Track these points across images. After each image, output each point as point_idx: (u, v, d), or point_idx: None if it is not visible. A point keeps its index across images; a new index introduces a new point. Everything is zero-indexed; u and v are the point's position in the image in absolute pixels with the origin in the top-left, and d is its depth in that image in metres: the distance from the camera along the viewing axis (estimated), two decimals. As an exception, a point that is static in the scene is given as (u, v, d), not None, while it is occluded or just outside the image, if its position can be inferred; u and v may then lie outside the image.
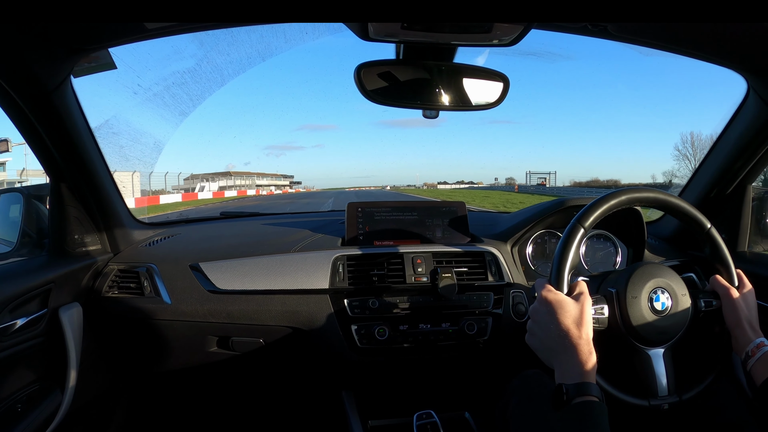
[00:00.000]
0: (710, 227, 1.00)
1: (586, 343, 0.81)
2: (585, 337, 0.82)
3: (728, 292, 0.96)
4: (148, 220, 1.80)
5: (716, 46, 1.08)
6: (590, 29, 1.06)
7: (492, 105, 1.21)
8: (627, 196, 0.98)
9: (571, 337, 0.82)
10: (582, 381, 0.77)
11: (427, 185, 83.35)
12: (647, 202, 1.01)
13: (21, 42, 0.97)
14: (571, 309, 0.85)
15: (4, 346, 1.14)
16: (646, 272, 0.97)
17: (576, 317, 0.84)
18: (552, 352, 0.85)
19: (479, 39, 1.02)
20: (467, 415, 1.52)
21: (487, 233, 1.61)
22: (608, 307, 0.94)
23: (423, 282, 1.41)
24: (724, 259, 1.00)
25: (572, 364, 0.80)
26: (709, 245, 1.01)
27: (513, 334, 1.44)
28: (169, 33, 1.07)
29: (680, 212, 1.01)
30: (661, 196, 1.01)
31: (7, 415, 1.17)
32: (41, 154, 1.29)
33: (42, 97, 1.13)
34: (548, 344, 0.86)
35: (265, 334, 1.46)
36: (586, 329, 0.83)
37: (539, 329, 0.88)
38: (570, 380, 0.78)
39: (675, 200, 1.01)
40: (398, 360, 1.45)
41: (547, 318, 0.86)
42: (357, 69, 1.09)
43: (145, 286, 1.45)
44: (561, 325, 0.83)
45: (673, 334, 0.95)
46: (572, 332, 0.82)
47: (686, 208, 1.00)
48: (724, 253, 1.00)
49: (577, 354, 0.80)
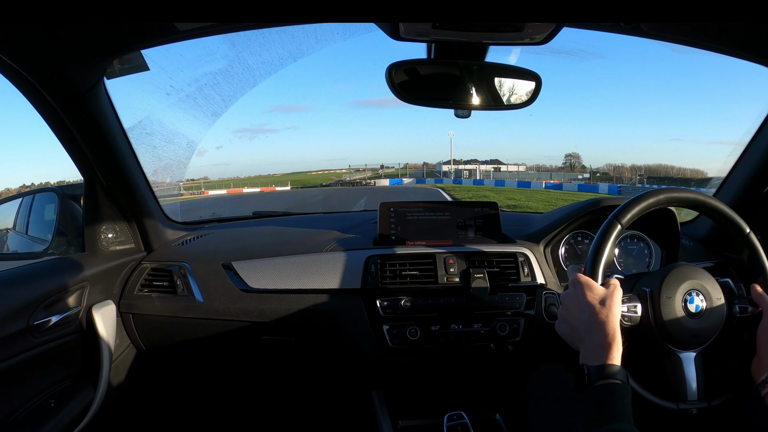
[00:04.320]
0: (749, 231, 0.97)
1: (611, 325, 0.80)
2: (610, 319, 0.81)
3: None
4: (181, 219, 1.82)
5: (752, 42, 1.06)
6: (623, 26, 1.04)
7: (524, 104, 1.20)
8: (665, 195, 0.97)
9: (596, 315, 0.81)
10: (605, 363, 0.77)
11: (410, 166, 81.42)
12: (685, 202, 0.99)
13: (54, 45, 0.98)
14: (599, 290, 0.85)
15: (39, 343, 1.16)
16: (682, 273, 0.95)
17: (602, 297, 0.83)
18: (577, 333, 0.85)
19: (510, 37, 1.00)
20: (498, 417, 1.51)
21: (520, 234, 1.59)
22: (641, 305, 0.93)
23: (455, 282, 1.40)
24: (763, 267, 0.97)
25: (596, 344, 0.80)
26: (747, 250, 0.98)
27: (545, 336, 1.42)
28: (201, 34, 1.07)
29: (718, 214, 0.99)
30: (700, 198, 0.99)
31: (41, 410, 1.20)
32: (75, 155, 1.31)
33: (75, 99, 1.14)
34: (574, 324, 0.86)
35: (297, 333, 1.46)
36: (613, 312, 0.82)
37: (567, 312, 0.88)
38: (593, 362, 0.78)
39: (713, 202, 0.98)
40: (429, 360, 1.44)
41: (575, 299, 0.86)
42: (389, 68, 1.08)
43: (178, 285, 1.47)
44: (586, 304, 0.83)
45: (705, 338, 0.93)
46: (597, 311, 0.82)
47: (725, 210, 0.98)
48: (763, 261, 0.97)
49: (601, 334, 0.80)
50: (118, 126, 1.32)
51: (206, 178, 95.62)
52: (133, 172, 1.41)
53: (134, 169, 1.42)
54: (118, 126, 1.32)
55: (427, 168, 75.13)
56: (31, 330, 1.14)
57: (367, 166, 74.29)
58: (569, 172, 69.45)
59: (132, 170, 1.40)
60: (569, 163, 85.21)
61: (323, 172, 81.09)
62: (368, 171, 73.02)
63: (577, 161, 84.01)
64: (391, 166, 78.79)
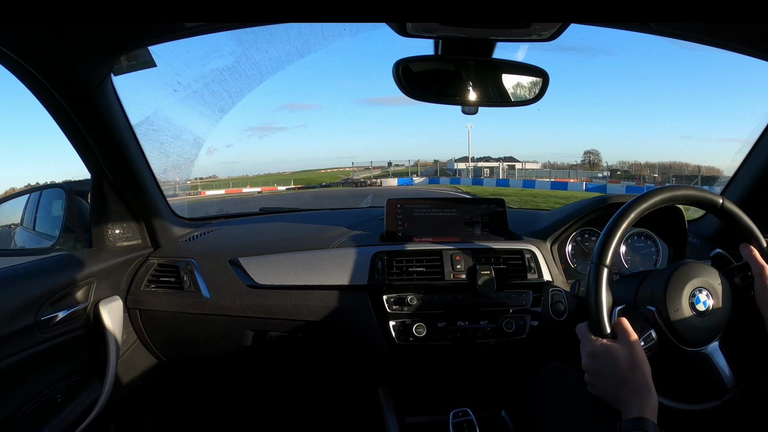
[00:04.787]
0: (722, 201, 0.97)
1: (644, 383, 0.81)
2: (641, 378, 0.81)
3: (762, 270, 0.92)
4: (188, 215, 1.82)
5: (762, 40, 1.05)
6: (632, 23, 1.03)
7: (531, 101, 1.20)
8: (629, 214, 0.95)
9: (628, 383, 0.81)
10: (638, 416, 0.77)
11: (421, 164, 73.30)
12: (652, 206, 0.97)
13: (61, 42, 0.98)
14: (622, 356, 0.84)
15: (46, 338, 1.16)
16: (685, 273, 0.95)
17: (628, 363, 0.83)
18: (613, 398, 0.84)
19: (517, 34, 1.01)
20: (504, 414, 1.51)
21: (527, 231, 1.59)
22: (654, 329, 0.93)
23: (461, 279, 1.40)
24: (748, 228, 0.97)
25: (632, 403, 0.80)
26: (727, 219, 0.99)
27: (552, 333, 1.42)
28: (208, 31, 1.07)
29: (688, 200, 0.99)
30: (665, 194, 0.97)
31: (47, 405, 1.20)
32: (83, 151, 1.32)
33: (83, 96, 1.15)
34: (608, 391, 0.86)
35: (303, 329, 1.46)
36: (641, 370, 0.82)
37: (597, 381, 0.88)
38: (630, 414, 0.79)
39: (679, 192, 0.98)
40: (435, 357, 1.44)
41: (601, 371, 0.86)
42: (396, 65, 1.08)
43: (185, 281, 1.47)
44: (616, 375, 0.83)
45: (722, 327, 0.94)
46: (628, 379, 0.82)
47: (691, 193, 0.98)
48: (746, 222, 0.97)
49: (636, 396, 0.80)
50: (125, 122, 1.32)
51: (215, 176, 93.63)
52: (140, 168, 1.41)
53: (141, 166, 1.42)
54: (125, 122, 1.32)
55: (438, 166, 69.23)
56: (38, 325, 1.14)
57: (373, 163, 68.85)
58: (588, 170, 64.83)
59: (139, 166, 1.40)
60: (588, 160, 79.91)
61: (331, 170, 78.37)
62: (377, 169, 68.11)
63: (596, 158, 78.36)
64: (400, 164, 72.67)
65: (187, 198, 25.52)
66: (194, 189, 60.15)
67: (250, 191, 51.49)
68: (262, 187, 54.21)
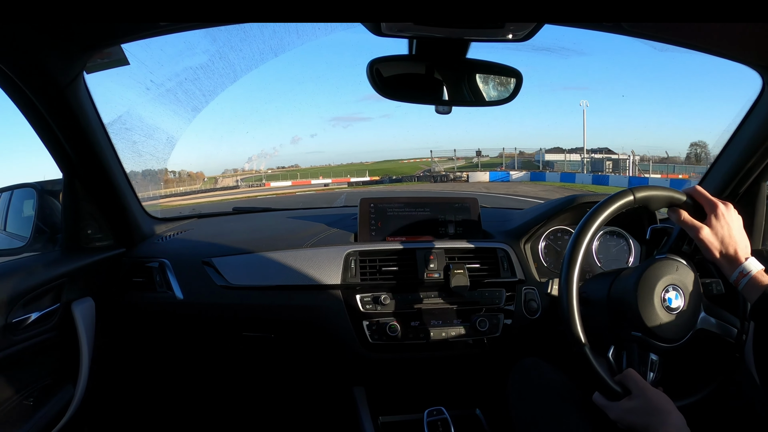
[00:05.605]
0: (633, 195, 1.00)
1: (673, 421, 0.83)
2: (665, 415, 0.84)
3: (697, 233, 0.96)
4: (161, 215, 1.80)
5: (731, 42, 1.08)
6: (604, 24, 1.05)
7: (505, 101, 1.21)
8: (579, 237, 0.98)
9: (660, 427, 0.83)
10: None
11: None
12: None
13: (34, 39, 0.97)
14: (641, 410, 0.86)
15: (17, 340, 1.15)
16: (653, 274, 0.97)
17: (647, 409, 0.86)
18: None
19: (492, 34, 1.02)
20: (478, 412, 1.52)
21: (500, 230, 1.61)
22: (652, 372, 0.96)
23: (435, 278, 1.41)
24: (665, 196, 1.00)
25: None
26: (647, 204, 1.01)
27: (525, 331, 1.44)
28: (182, 29, 1.07)
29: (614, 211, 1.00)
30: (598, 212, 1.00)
31: (19, 409, 1.18)
32: (54, 150, 1.30)
33: (55, 93, 1.13)
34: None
35: (277, 329, 1.46)
36: (665, 413, 0.84)
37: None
38: None
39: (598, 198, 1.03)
40: (410, 356, 1.44)
41: (636, 428, 0.87)
42: (369, 64, 1.09)
43: (158, 281, 1.46)
44: (645, 423, 0.84)
45: (696, 321, 0.99)
46: (656, 425, 0.83)
47: (607, 202, 1.00)
48: (658, 194, 1.00)
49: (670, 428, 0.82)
50: (97, 121, 1.30)
51: (296, 165, 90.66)
52: (112, 167, 1.39)
53: (114, 165, 1.40)
54: (97, 121, 1.30)
55: (522, 158, 56.48)
56: (10, 328, 1.12)
57: (457, 152, 56.18)
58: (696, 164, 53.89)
59: (111, 165, 1.39)
60: (694, 153, 71.06)
61: (413, 160, 73.70)
62: (461, 159, 57.18)
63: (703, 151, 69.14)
64: (485, 155, 59.44)
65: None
66: (258, 181, 57.24)
67: (282, 185, 47.97)
68: (293, 181, 50.90)
